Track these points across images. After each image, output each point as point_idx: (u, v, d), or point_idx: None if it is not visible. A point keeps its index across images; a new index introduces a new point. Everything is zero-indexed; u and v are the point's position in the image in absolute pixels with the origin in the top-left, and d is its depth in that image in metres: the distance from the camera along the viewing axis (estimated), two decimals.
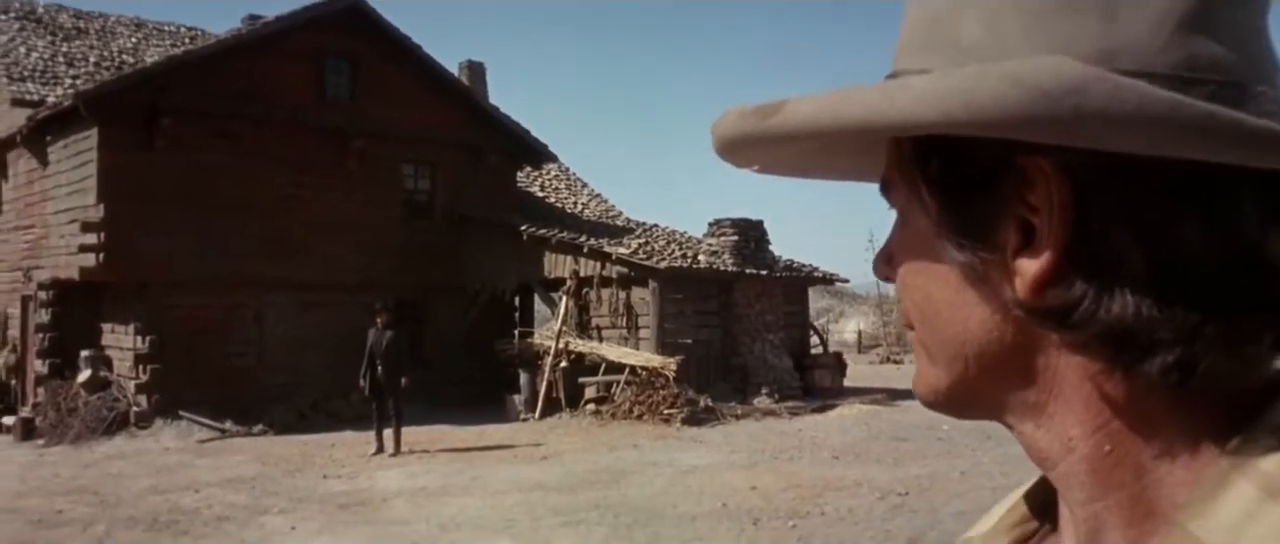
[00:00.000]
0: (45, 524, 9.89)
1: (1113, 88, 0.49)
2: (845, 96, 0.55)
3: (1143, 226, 0.52)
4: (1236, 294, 0.52)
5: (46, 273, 18.24)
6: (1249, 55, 0.55)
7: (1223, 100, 0.51)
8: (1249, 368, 0.53)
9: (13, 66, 19.07)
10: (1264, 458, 0.51)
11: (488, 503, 10.31)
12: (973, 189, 0.56)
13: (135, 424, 16.53)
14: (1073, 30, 0.53)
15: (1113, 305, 0.52)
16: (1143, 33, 0.53)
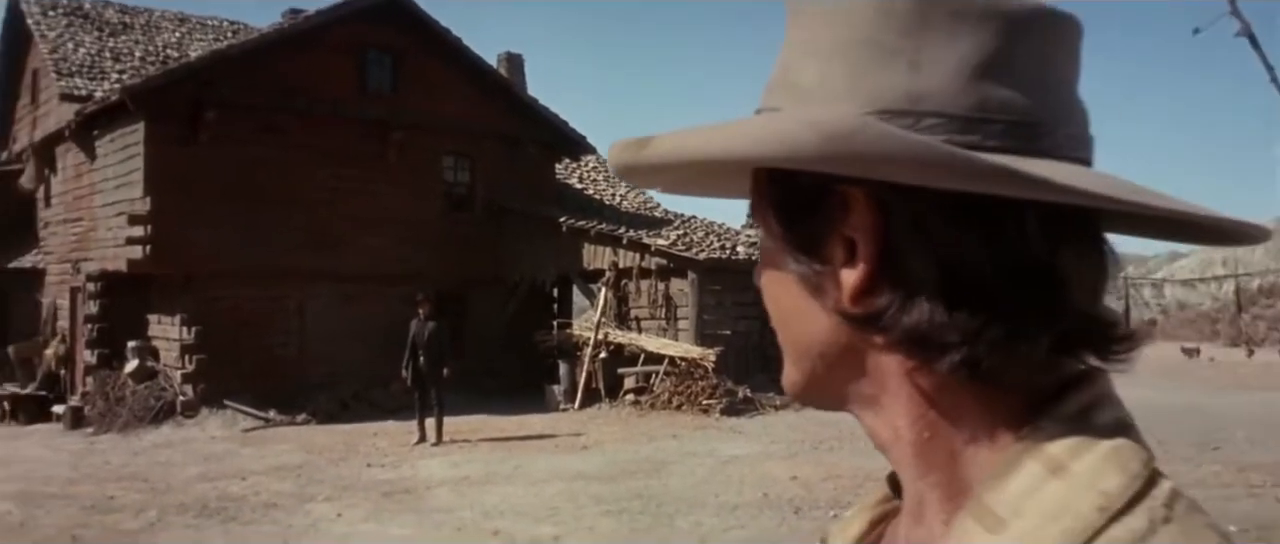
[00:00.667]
0: (98, 510, 10.09)
1: (878, 133, 0.59)
2: (701, 132, 0.66)
3: (935, 246, 0.62)
4: (1016, 303, 0.62)
5: (94, 265, 18.56)
6: (1045, 99, 0.65)
7: (1013, 137, 0.63)
8: (1033, 367, 0.63)
9: (61, 62, 19.41)
10: (1051, 443, 0.62)
11: (530, 492, 10.41)
12: (805, 212, 0.67)
13: (181, 413, 16.79)
14: (885, 79, 0.64)
15: (912, 312, 0.63)
16: (942, 81, 0.63)
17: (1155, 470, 0.62)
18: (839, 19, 0.67)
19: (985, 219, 0.62)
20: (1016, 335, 0.62)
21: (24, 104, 22.85)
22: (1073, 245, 0.64)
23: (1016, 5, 0.66)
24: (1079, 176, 0.61)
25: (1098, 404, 0.65)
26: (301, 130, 18.04)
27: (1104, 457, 0.62)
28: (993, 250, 0.62)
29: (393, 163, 19.03)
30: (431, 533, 8.66)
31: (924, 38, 0.64)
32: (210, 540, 8.57)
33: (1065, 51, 0.68)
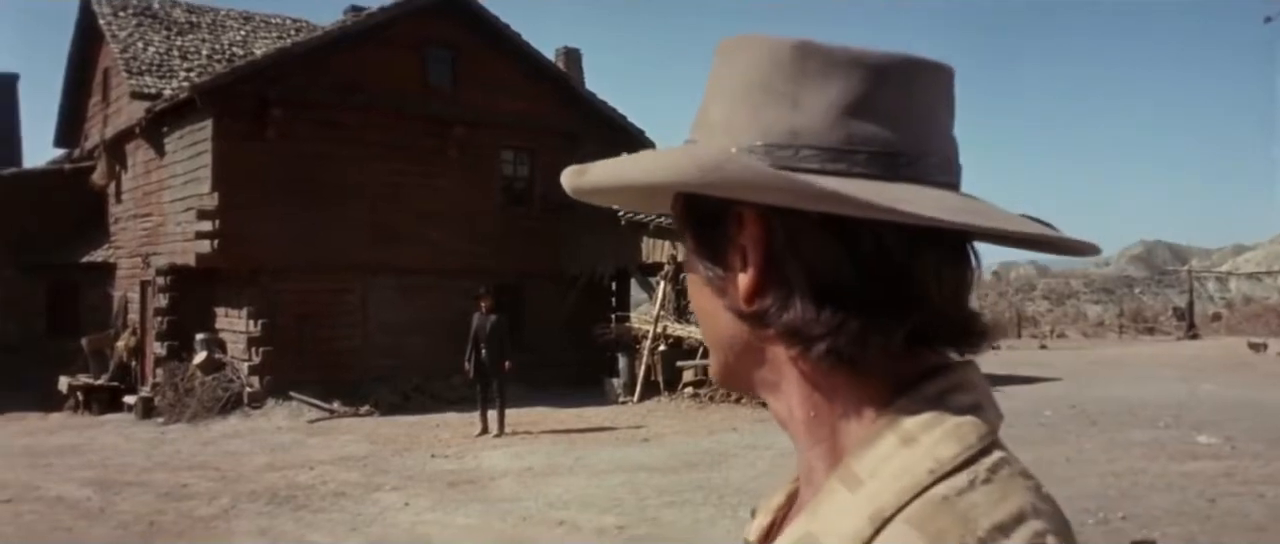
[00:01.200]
0: (172, 497, 10.35)
1: (740, 165, 0.74)
2: (624, 162, 0.82)
3: (807, 255, 0.76)
4: (872, 302, 0.75)
5: (164, 259, 18.96)
6: (908, 133, 0.78)
7: (876, 165, 0.76)
8: (891, 355, 0.76)
9: (132, 61, 19.84)
10: (907, 419, 0.75)
11: (593, 483, 10.51)
12: (709, 226, 0.81)
13: (248, 404, 17.12)
14: (773, 117, 0.78)
15: (789, 310, 0.76)
16: (816, 119, 0.77)
17: (992, 443, 0.75)
18: (741, 66, 0.81)
19: (847, 233, 0.74)
20: (871, 329, 0.75)
21: (95, 102, 23.38)
22: (932, 254, 0.76)
23: (880, 55, 0.79)
24: (922, 199, 0.74)
25: (954, 389, 0.77)
26: (364, 126, 18.29)
27: (947, 431, 0.74)
28: (854, 259, 0.75)
29: (453, 157, 19.23)
30: (497, 522, 8.78)
31: (803, 83, 0.78)
32: (282, 528, 8.76)
33: (933, 93, 0.81)
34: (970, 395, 0.77)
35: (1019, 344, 40.30)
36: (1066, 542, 0.73)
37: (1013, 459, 0.75)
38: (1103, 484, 9.97)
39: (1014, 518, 0.70)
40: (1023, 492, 0.73)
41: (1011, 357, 30.39)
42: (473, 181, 19.51)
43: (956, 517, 0.69)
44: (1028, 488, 0.74)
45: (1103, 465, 10.93)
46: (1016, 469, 0.74)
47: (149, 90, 19.18)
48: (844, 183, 0.74)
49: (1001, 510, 0.70)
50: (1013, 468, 0.74)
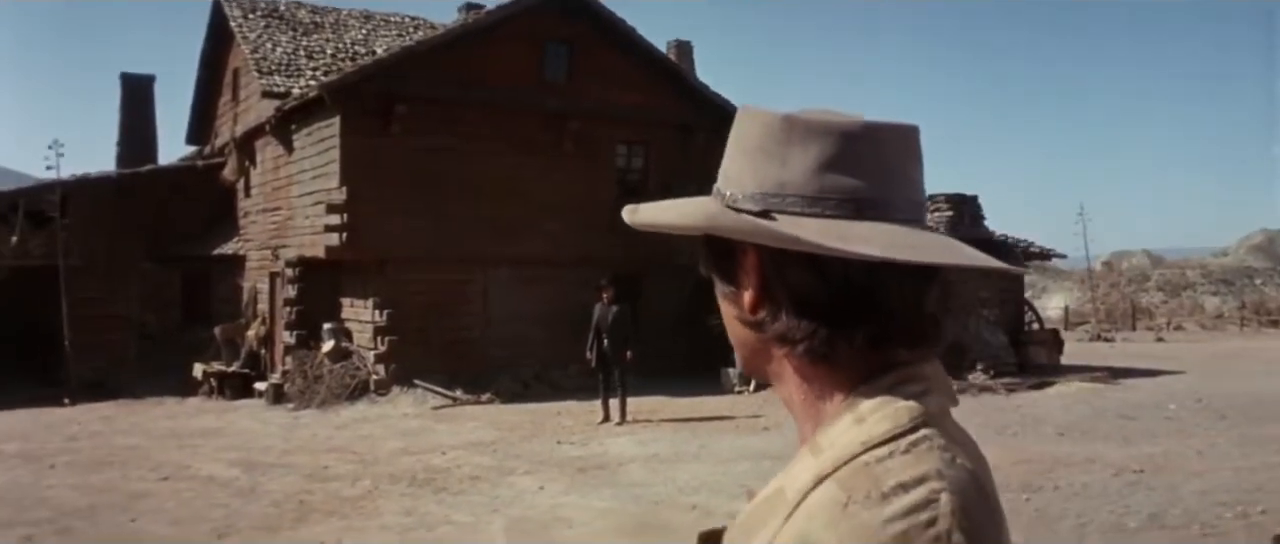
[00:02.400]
0: (316, 478, 10.83)
1: (732, 217, 1.01)
2: (660, 207, 1.11)
3: (789, 279, 0.99)
4: (838, 313, 0.98)
5: (293, 251, 19.67)
6: (876, 181, 1.00)
7: (845, 209, 0.98)
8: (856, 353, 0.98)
9: (262, 61, 20.60)
10: (862, 402, 0.97)
11: (719, 469, 10.69)
12: (724, 258, 1.07)
13: (375, 391, 17.69)
14: (767, 173, 1.01)
15: (779, 320, 1.00)
16: (799, 173, 1.00)
17: (923, 423, 0.95)
18: (747, 132, 1.07)
19: (819, 262, 0.97)
20: (838, 334, 0.99)
21: (225, 101, 24.31)
22: (891, 275, 0.98)
23: (850, 122, 1.02)
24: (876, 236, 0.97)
25: (906, 380, 0.99)
26: (483, 120, 18.72)
27: (887, 413, 0.96)
28: (825, 281, 0.99)
29: (569, 150, 19.55)
30: (631, 506, 9.02)
31: (789, 146, 1.01)
32: (425, 508, 9.11)
33: (897, 150, 1.03)
34: (919, 385, 0.99)
35: (1134, 336, 39.36)
36: (965, 500, 0.91)
37: (937, 436, 0.95)
38: (1237, 478, 9.81)
39: (916, 479, 0.91)
40: (934, 460, 0.93)
41: (1128, 349, 29.75)
42: (588, 174, 19.81)
43: (870, 477, 0.91)
44: (942, 458, 0.93)
45: (1236, 460, 10.73)
46: (937, 443, 0.95)
47: (278, 89, 19.89)
48: (814, 223, 0.98)
49: (908, 473, 0.91)
50: (933, 442, 0.95)
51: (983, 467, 1.00)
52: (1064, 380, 17.99)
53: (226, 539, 8.23)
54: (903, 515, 0.88)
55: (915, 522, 0.88)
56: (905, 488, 0.90)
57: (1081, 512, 8.73)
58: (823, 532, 0.89)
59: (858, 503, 0.89)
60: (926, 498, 0.89)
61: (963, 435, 1.02)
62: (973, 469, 0.95)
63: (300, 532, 8.35)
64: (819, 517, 0.90)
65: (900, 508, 0.88)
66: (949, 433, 0.97)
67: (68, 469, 11.96)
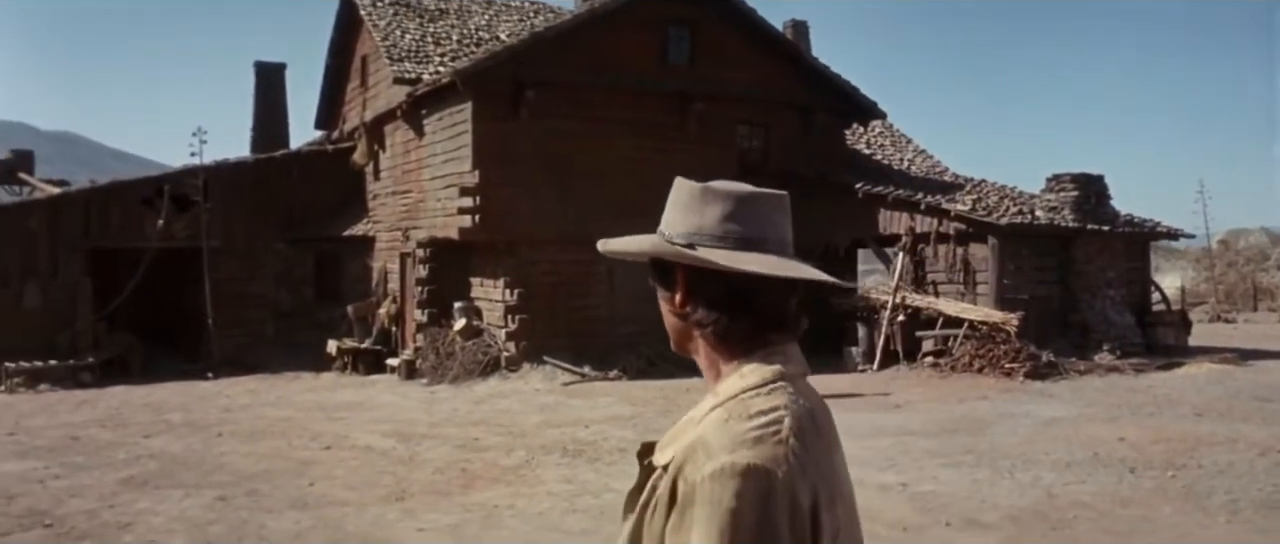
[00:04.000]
0: (469, 449, 11.32)
1: (666, 248, 1.61)
2: (620, 241, 1.71)
3: (704, 287, 1.59)
4: (731, 309, 1.57)
5: (423, 232, 20.34)
6: (757, 227, 1.60)
7: (738, 244, 1.58)
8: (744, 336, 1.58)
9: (392, 48, 21.27)
10: (745, 366, 1.57)
11: (861, 445, 10.89)
12: (664, 272, 1.64)
13: (505, 367, 18.26)
14: (690, 221, 1.61)
15: (696, 313, 1.61)
16: (710, 221, 1.60)
17: (779, 378, 1.53)
18: (680, 194, 1.66)
19: (722, 276, 1.55)
20: (732, 322, 1.58)
21: (354, 87, 25.12)
22: (767, 285, 1.56)
23: (741, 191, 1.62)
24: (752, 260, 1.55)
25: (772, 354, 1.57)
26: (607, 104, 19.12)
27: (758, 371, 1.54)
28: (725, 286, 1.57)
29: (691, 132, 19.84)
30: None
31: (704, 204, 1.62)
32: (584, 477, 9.53)
33: (772, 207, 1.63)
34: (781, 357, 1.58)
35: (1255, 318, 38.26)
36: (800, 423, 1.48)
37: (788, 387, 1.54)
38: None
39: (771, 407, 1.49)
40: (783, 398, 1.51)
41: (1252, 331, 28.98)
42: (709, 155, 20.05)
43: (743, 405, 1.50)
44: (789, 398, 1.51)
45: None
46: (788, 391, 1.53)
47: (409, 75, 20.51)
48: (718, 252, 1.57)
49: (766, 404, 1.50)
50: (785, 389, 1.53)
51: (820, 409, 1.60)
52: (1193, 361, 17.74)
53: (404, 501, 8.74)
54: (760, 427, 1.46)
55: (767, 430, 1.46)
56: (763, 413, 1.49)
57: (1230, 488, 8.77)
58: (713, 436, 1.47)
59: (734, 419, 1.48)
60: (776, 418, 1.48)
61: (808, 389, 1.61)
62: (810, 407, 1.55)
63: (471, 496, 8.82)
64: (711, 427, 1.49)
65: (759, 423, 1.47)
66: (798, 387, 1.57)
67: (233, 438, 12.69)
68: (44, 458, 11.39)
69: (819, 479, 1.47)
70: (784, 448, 1.43)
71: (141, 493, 9.40)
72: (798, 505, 1.42)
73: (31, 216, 22.30)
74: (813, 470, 1.45)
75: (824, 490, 1.47)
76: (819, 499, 1.45)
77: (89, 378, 20.47)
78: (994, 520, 7.75)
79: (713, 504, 1.39)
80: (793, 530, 1.40)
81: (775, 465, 1.41)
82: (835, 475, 1.55)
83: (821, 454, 1.51)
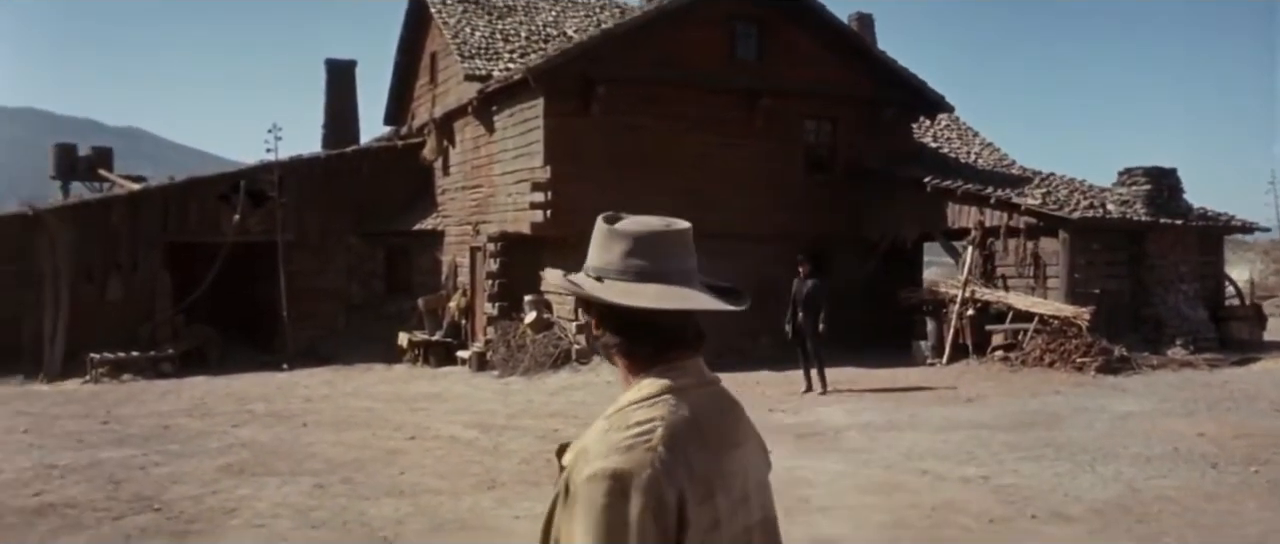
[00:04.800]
0: (550, 439, 11.54)
1: (567, 283, 1.94)
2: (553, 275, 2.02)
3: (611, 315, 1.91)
4: (634, 333, 1.90)
5: (494, 227, 20.66)
6: (656, 260, 1.90)
7: (640, 277, 1.88)
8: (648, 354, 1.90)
9: (462, 45, 21.61)
10: (644, 380, 1.87)
11: (937, 438, 11.02)
12: (583, 302, 1.94)
13: (576, 360, 18.51)
14: (599, 258, 1.93)
15: (606, 335, 1.94)
16: (614, 258, 1.91)
17: (665, 391, 1.82)
18: (596, 234, 1.95)
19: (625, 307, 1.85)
20: (634, 344, 1.89)
21: (422, 83, 25.53)
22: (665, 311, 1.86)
23: (645, 229, 1.91)
24: (648, 293, 1.86)
25: (669, 370, 1.86)
26: (676, 100, 19.30)
27: (648, 385, 1.83)
28: (626, 314, 1.87)
29: (759, 127, 19.96)
30: (864, 470, 9.45)
31: (610, 243, 1.91)
32: None
33: (672, 242, 1.93)
34: (675, 372, 1.86)
35: None
36: (674, 431, 1.74)
37: (673, 398, 1.80)
38: None
39: (647, 418, 1.75)
40: (663, 410, 1.77)
41: None
42: (777, 150, 20.20)
43: (623, 415, 1.78)
44: (669, 409, 1.77)
45: None
46: (671, 402, 1.79)
47: (479, 72, 20.83)
48: (620, 284, 1.86)
49: (644, 414, 1.76)
50: (667, 401, 1.79)
51: (713, 415, 1.87)
52: (1270, 357, 17.57)
53: (496, 490, 9.00)
54: (633, 436, 1.73)
55: (639, 439, 1.73)
56: (640, 423, 1.76)
57: None
58: (593, 444, 1.76)
59: (613, 429, 1.77)
60: (649, 429, 1.74)
61: (703, 398, 1.87)
62: (691, 417, 1.79)
63: None
64: (594, 436, 1.79)
65: (633, 432, 1.74)
66: (688, 398, 1.83)
67: (318, 428, 13.05)
68: (141, 445, 11.83)
69: (689, 479, 1.71)
70: (651, 454, 1.69)
71: (240, 480, 9.75)
72: (663, 502, 1.66)
73: (113, 212, 22.97)
74: (682, 472, 1.70)
75: (696, 488, 1.71)
76: (686, 496, 1.69)
77: (169, 368, 21.07)
78: (1079, 513, 7.84)
79: (587, 502, 1.67)
80: (657, 523, 1.65)
81: (639, 470, 1.67)
82: (718, 473, 1.78)
83: (700, 456, 1.75)
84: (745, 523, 1.83)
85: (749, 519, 1.85)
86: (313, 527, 7.86)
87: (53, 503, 8.93)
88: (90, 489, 9.47)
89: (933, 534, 7.27)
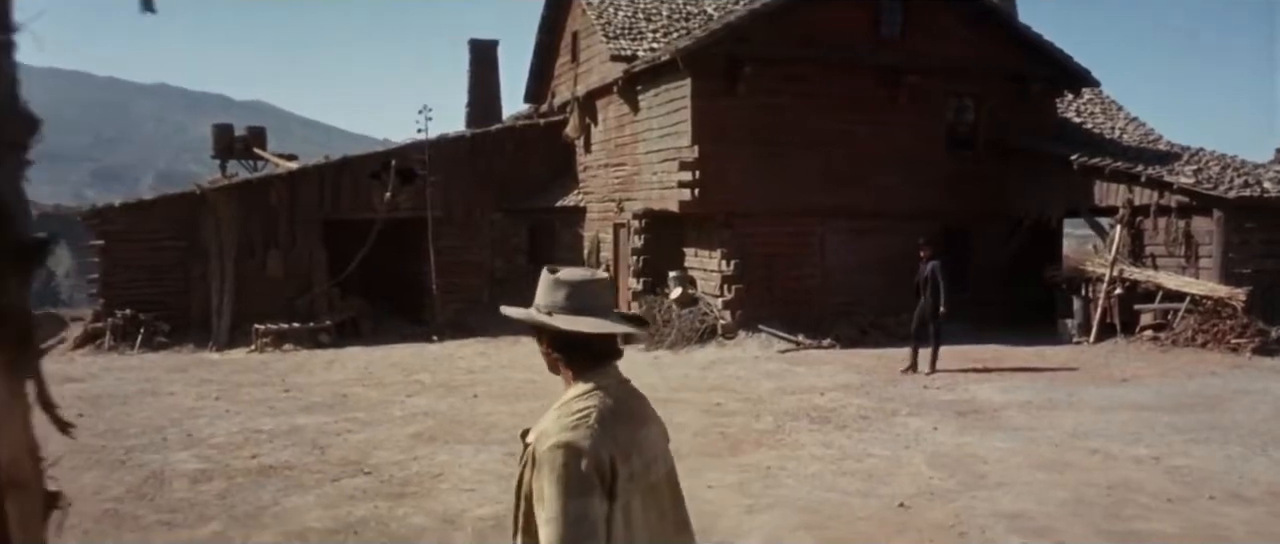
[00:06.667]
0: (715, 414, 12.05)
1: (525, 314, 2.68)
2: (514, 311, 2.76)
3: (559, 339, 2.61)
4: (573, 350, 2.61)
5: (639, 204, 21.21)
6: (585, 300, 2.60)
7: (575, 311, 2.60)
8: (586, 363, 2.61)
9: (606, 25, 22.15)
10: (582, 383, 2.58)
11: (1100, 418, 11.19)
12: (538, 330, 2.66)
13: (722, 335, 19.00)
14: (547, 297, 2.63)
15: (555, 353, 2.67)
16: (558, 298, 2.61)
17: (595, 388, 2.53)
18: (542, 283, 2.65)
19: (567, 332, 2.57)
20: (574, 357, 2.59)
21: (562, 62, 26.18)
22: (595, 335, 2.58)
23: (578, 278, 2.62)
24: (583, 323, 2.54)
25: (600, 375, 2.57)
26: (820, 78, 19.53)
27: (583, 385, 2.55)
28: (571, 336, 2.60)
29: (902, 104, 20.06)
30: (1032, 449, 9.72)
31: (555, 289, 2.61)
32: (840, 442, 10.13)
33: (596, 288, 2.62)
34: (601, 376, 2.56)
35: None
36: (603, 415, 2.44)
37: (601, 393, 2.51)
38: None
39: (584, 406, 2.47)
40: (595, 401, 2.48)
41: None
42: (920, 127, 20.28)
43: (566, 405, 2.50)
44: (600, 400, 2.48)
45: None
46: (599, 396, 2.50)
47: (624, 52, 21.35)
48: (563, 318, 2.54)
49: (582, 404, 2.48)
50: (597, 395, 2.50)
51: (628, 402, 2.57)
52: None
53: (681, 461, 9.47)
54: (576, 419, 2.42)
55: (580, 420, 2.42)
56: (579, 410, 2.45)
57: None
58: (550, 425, 2.45)
59: (562, 415, 2.46)
60: (586, 413, 2.44)
61: (620, 391, 2.57)
62: (614, 404, 2.49)
63: (741, 458, 9.55)
64: (550, 420, 2.47)
65: (575, 417, 2.43)
66: (611, 393, 2.52)
67: (489, 399, 13.77)
68: (328, 413, 12.68)
69: (615, 447, 2.43)
70: (590, 430, 2.42)
71: (434, 447, 10.46)
72: (599, 460, 2.39)
73: (272, 190, 24.14)
74: (610, 441, 2.43)
75: (620, 452, 2.44)
76: (615, 457, 2.42)
77: (326, 339, 22.17)
78: (1257, 495, 8.01)
79: (550, 465, 2.39)
80: (597, 474, 2.39)
81: (582, 441, 2.40)
82: (633, 442, 2.51)
83: (621, 429, 2.49)
84: (654, 476, 2.60)
85: (657, 473, 2.62)
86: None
87: (272, 465, 9.76)
88: (300, 453, 10.28)
89: (1114, 512, 7.54)
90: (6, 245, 1.28)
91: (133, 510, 8.30)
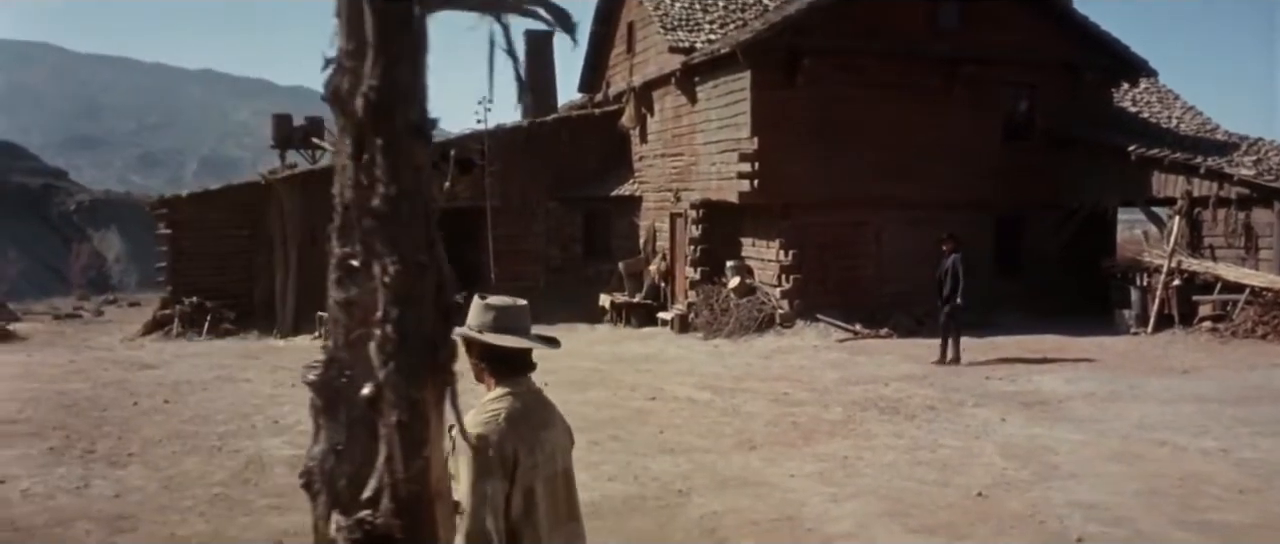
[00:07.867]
0: (783, 403, 12.36)
1: (460, 332, 3.02)
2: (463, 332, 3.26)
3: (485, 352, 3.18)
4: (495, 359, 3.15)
5: (696, 194, 21.53)
6: (508, 322, 3.16)
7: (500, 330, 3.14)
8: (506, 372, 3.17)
9: (664, 17, 22.44)
10: (499, 388, 3.14)
11: (1165, 410, 11.41)
12: (468, 345, 3.13)
13: (779, 324, 19.31)
14: (478, 318, 3.17)
15: (481, 365, 3.19)
16: (487, 319, 3.15)
17: (508, 393, 3.10)
18: (474, 307, 3.16)
19: (487, 345, 3.11)
20: (496, 367, 3.15)
21: (618, 53, 26.51)
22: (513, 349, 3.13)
23: (503, 304, 3.19)
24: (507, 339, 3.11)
25: (515, 381, 3.13)
26: (877, 69, 19.73)
27: (499, 390, 3.12)
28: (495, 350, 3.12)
29: (958, 95, 20.19)
30: (1101, 439, 9.97)
31: (485, 312, 3.16)
32: (912, 433, 10.43)
33: (517, 312, 3.19)
34: (514, 383, 3.11)
35: None
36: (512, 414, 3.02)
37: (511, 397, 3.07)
38: None
39: (495, 407, 3.04)
40: (506, 403, 3.05)
41: None
42: (976, 118, 20.40)
43: (482, 406, 3.06)
44: (509, 402, 3.06)
45: None
46: (509, 399, 3.06)
47: (682, 44, 21.64)
48: (490, 335, 3.08)
49: (495, 405, 3.05)
50: (508, 398, 3.07)
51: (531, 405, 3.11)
52: None
53: (758, 450, 9.87)
54: (488, 415, 3.01)
55: (491, 417, 3.00)
56: (492, 409, 3.03)
57: None
58: (469, 420, 2.89)
59: (478, 413, 3.01)
60: (496, 412, 3.02)
61: (528, 394, 3.12)
62: (521, 406, 3.05)
63: (816, 447, 9.87)
64: (471, 416, 2.94)
65: (488, 414, 3.02)
66: (520, 398, 3.07)
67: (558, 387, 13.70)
68: None
69: (519, 441, 2.97)
70: (499, 426, 2.95)
71: None
72: (504, 451, 2.93)
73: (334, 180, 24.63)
74: (513, 436, 2.96)
75: (522, 447, 2.98)
76: (518, 450, 2.96)
77: None
78: None
79: (464, 451, 2.83)
80: (501, 463, 2.92)
81: (491, 433, 2.93)
82: (536, 439, 3.04)
83: (526, 427, 3.02)
84: (552, 470, 3.10)
85: (554, 468, 3.12)
86: (609, 480, 8.85)
87: None
88: None
89: (1187, 502, 7.80)
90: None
91: (241, 495, 8.75)
